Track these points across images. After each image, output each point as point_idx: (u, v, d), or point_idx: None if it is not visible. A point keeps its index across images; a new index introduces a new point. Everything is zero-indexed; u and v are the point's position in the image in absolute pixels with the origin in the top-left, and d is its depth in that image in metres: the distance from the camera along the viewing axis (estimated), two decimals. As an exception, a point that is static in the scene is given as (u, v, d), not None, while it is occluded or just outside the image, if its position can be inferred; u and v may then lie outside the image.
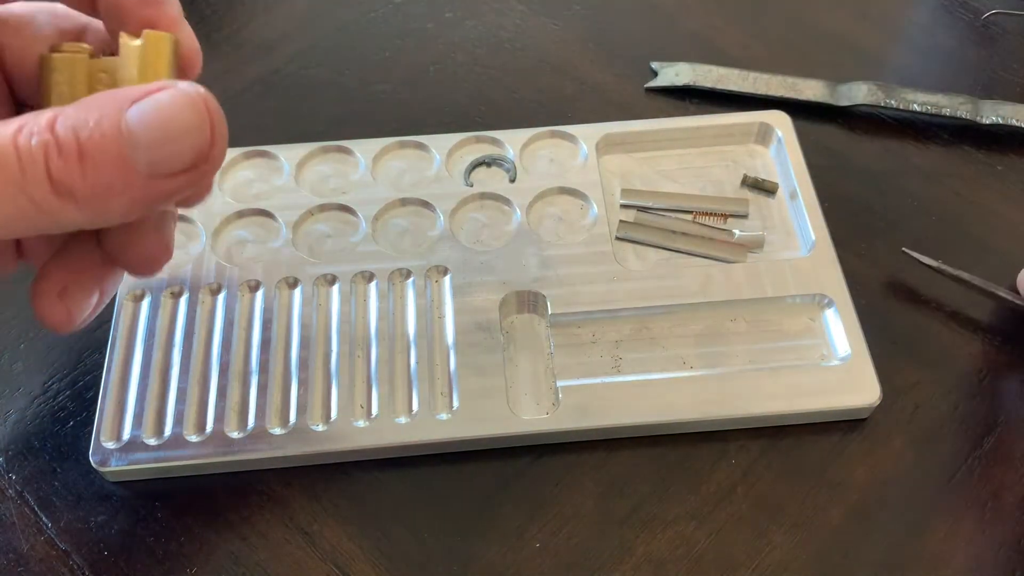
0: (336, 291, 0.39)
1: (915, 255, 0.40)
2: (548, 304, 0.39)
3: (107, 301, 0.31)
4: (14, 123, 0.22)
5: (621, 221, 0.42)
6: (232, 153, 0.44)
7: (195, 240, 0.41)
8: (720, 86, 0.48)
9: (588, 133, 0.44)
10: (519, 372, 0.38)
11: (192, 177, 0.23)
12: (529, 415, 0.36)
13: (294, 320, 0.39)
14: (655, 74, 0.49)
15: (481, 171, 0.44)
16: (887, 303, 0.40)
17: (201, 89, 0.24)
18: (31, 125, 0.22)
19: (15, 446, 0.37)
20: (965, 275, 0.39)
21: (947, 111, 0.46)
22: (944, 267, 0.39)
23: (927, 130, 0.46)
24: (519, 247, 0.41)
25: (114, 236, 0.28)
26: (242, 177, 0.44)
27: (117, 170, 0.22)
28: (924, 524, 0.34)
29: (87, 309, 0.30)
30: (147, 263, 0.29)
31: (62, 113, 0.23)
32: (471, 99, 0.48)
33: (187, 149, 0.23)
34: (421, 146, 0.44)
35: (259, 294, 0.39)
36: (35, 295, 0.29)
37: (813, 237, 0.40)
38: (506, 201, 0.42)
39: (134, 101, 0.22)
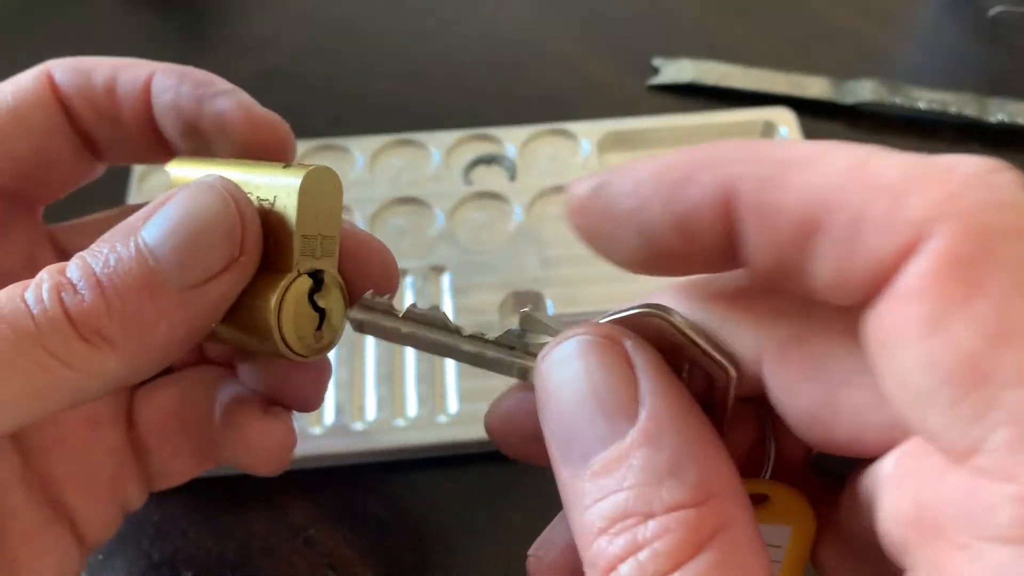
0: (334, 291, 0.39)
1: None
2: (548, 304, 0.38)
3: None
4: (23, 282, 0.20)
5: (623, 220, 0.41)
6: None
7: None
8: (724, 83, 0.47)
9: (589, 131, 0.44)
10: (519, 374, 0.37)
11: (233, 277, 0.20)
12: (529, 417, 0.36)
13: (291, 321, 0.38)
14: (657, 71, 0.48)
15: (480, 169, 0.43)
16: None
17: (215, 175, 0.21)
18: (39, 275, 0.20)
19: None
20: None
21: (953, 109, 0.45)
22: None
23: (933, 128, 0.46)
24: (519, 247, 0.40)
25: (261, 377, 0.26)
26: (239, 175, 0.43)
27: (145, 292, 0.19)
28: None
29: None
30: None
31: (76, 256, 0.20)
32: (470, 96, 0.48)
33: (216, 242, 0.20)
34: (419, 144, 0.44)
35: (256, 294, 0.39)
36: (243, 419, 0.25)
37: (817, 236, 0.40)
38: (506, 200, 0.42)
39: (146, 218, 0.20)
